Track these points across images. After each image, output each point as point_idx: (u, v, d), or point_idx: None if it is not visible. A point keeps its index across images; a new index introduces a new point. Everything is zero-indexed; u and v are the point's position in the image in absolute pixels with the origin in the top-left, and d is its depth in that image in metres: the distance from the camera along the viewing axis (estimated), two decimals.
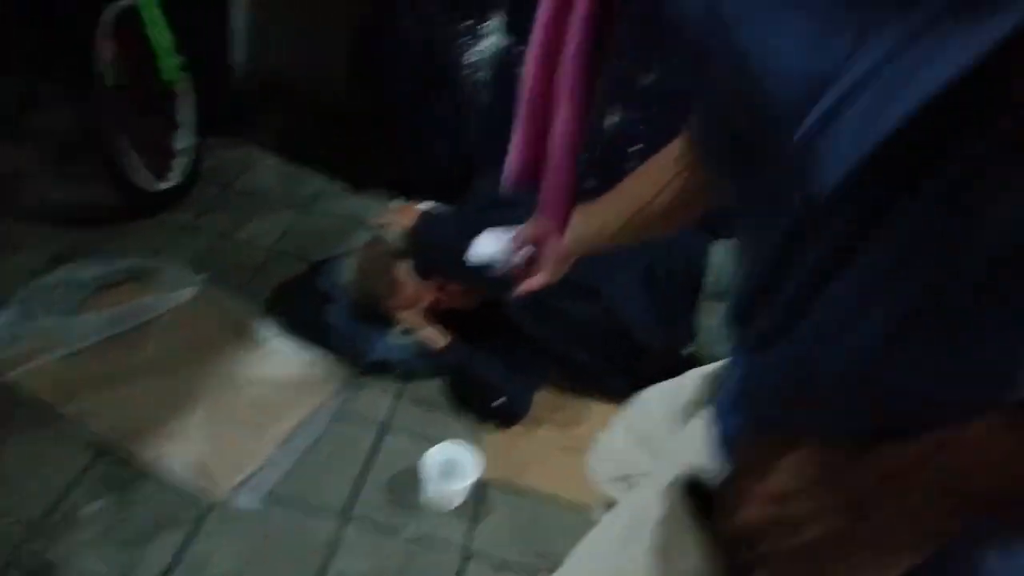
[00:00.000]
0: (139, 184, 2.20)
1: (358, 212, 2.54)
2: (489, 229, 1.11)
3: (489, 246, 1.11)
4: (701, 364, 0.88)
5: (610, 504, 0.95)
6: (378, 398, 1.90)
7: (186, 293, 1.94)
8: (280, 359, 1.89)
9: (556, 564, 1.62)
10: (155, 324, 1.87)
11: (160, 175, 2.28)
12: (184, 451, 1.62)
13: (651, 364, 1.87)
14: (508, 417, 1.85)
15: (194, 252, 2.20)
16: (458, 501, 1.66)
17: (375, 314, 1.96)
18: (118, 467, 1.59)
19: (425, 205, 2.24)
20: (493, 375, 1.84)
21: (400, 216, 1.97)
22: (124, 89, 2.09)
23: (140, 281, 1.99)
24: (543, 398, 1.93)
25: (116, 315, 1.84)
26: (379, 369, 1.93)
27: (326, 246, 2.33)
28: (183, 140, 2.36)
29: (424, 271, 1.88)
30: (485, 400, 1.84)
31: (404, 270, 1.88)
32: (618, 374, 1.92)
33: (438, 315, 1.96)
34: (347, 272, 2.02)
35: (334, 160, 2.64)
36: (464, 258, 1.16)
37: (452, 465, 1.69)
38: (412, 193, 2.61)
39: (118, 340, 1.81)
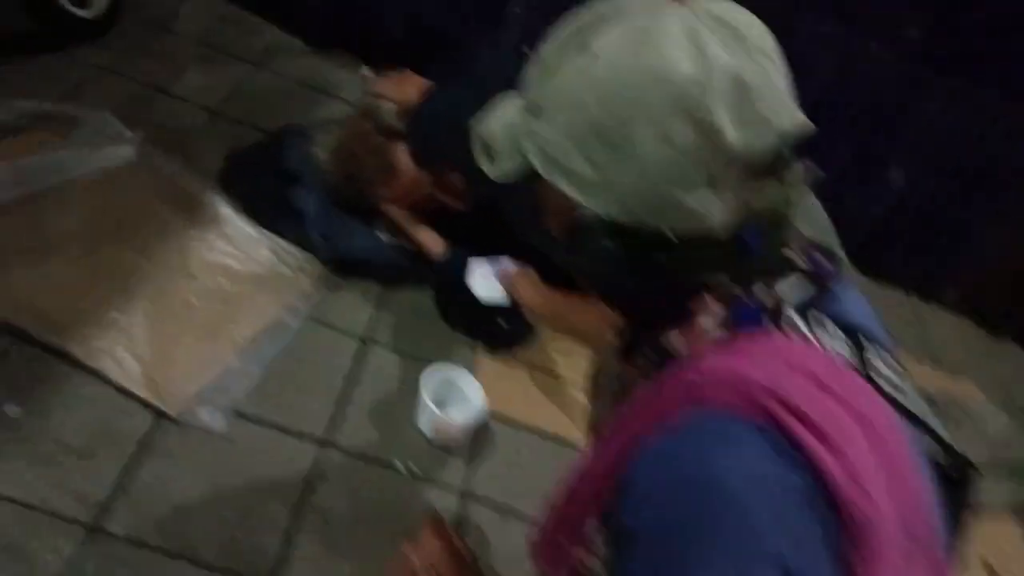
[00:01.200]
0: (55, 3, 1.73)
1: (320, 77, 2.15)
2: (477, 265, 1.36)
3: (490, 288, 1.34)
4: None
5: None
6: (356, 304, 1.61)
7: (120, 152, 1.54)
8: (239, 245, 1.56)
9: None
10: (79, 187, 1.48)
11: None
12: (124, 348, 1.30)
13: None
14: (507, 340, 1.63)
15: (117, 102, 1.76)
16: (459, 438, 1.44)
17: (357, 204, 1.65)
18: (37, 362, 1.25)
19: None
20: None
21: (399, 87, 1.64)
22: None
23: (51, 130, 1.57)
24: None
25: (26, 169, 1.43)
26: (358, 270, 1.64)
27: (283, 113, 1.95)
28: None
29: (426, 157, 1.57)
30: (482, 320, 1.60)
31: (401, 154, 1.57)
32: None
33: (429, 215, 1.67)
34: (323, 149, 1.68)
35: (288, 11, 2.21)
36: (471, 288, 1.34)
37: (451, 393, 1.46)
38: (375, 62, 2.24)
39: (30, 202, 1.42)
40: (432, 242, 1.63)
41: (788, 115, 0.60)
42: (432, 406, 1.38)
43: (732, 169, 0.59)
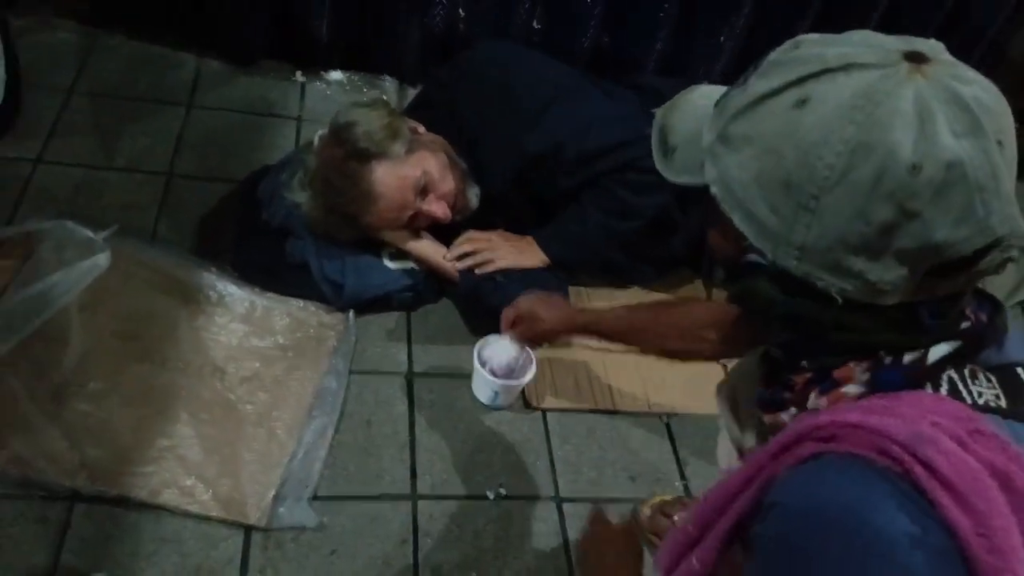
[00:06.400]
0: None
1: (258, 97, 1.99)
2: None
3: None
4: None
5: None
6: (390, 341, 1.55)
7: (95, 262, 1.42)
8: (254, 320, 1.48)
9: (650, 480, 1.44)
10: (71, 314, 1.36)
11: None
12: (186, 475, 1.24)
13: (678, 243, 1.65)
14: None
15: (62, 197, 1.62)
16: (510, 399, 1.49)
17: (349, 235, 1.55)
18: (105, 520, 1.19)
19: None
20: (517, 293, 1.53)
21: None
22: None
23: (11, 255, 1.43)
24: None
25: (10, 314, 1.31)
26: (378, 306, 1.57)
27: (237, 152, 1.82)
28: None
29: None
30: None
31: (379, 175, 1.45)
32: (645, 263, 1.70)
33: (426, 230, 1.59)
34: (293, 192, 1.56)
35: (202, 31, 2.02)
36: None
37: (497, 355, 1.47)
38: (316, 64, 2.09)
39: (24, 347, 1.30)
40: (440, 257, 1.56)
41: (1002, 218, 0.54)
42: (488, 376, 1.42)
43: (927, 255, 0.55)
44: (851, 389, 0.63)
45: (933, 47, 0.57)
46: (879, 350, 0.62)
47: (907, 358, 0.62)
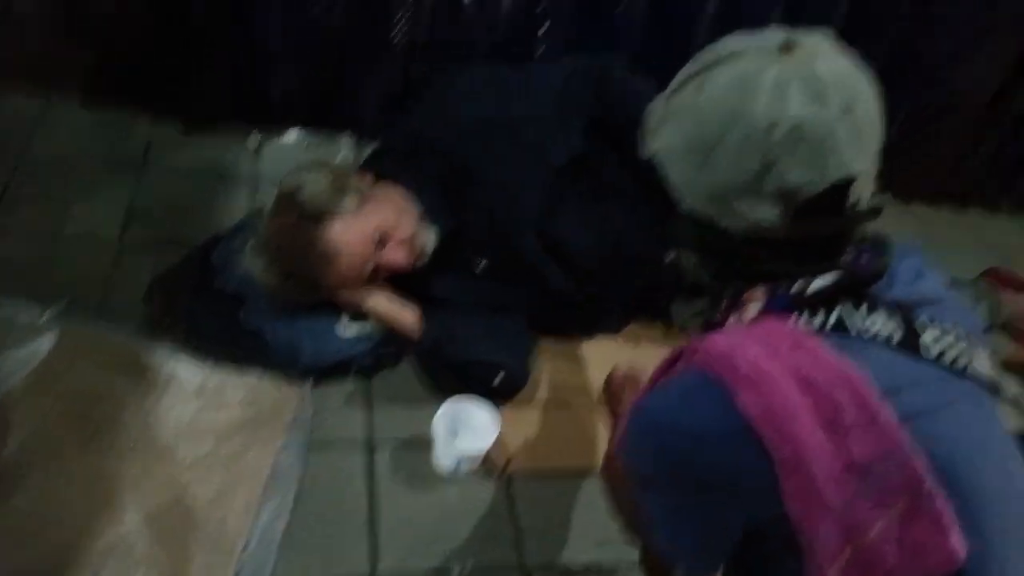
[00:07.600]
0: None
1: (212, 160, 1.96)
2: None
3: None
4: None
5: None
6: (347, 410, 1.51)
7: (41, 344, 1.38)
8: (205, 395, 1.43)
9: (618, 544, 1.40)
10: (14, 399, 1.32)
11: None
12: (134, 569, 1.19)
13: (641, 279, 1.64)
14: (510, 389, 1.56)
15: (14, 269, 1.58)
16: (474, 465, 1.45)
17: (308, 301, 1.52)
18: None
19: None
20: (480, 348, 1.52)
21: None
22: None
23: None
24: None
25: None
26: (335, 373, 1.54)
27: (191, 217, 1.79)
28: None
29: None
30: (476, 380, 1.52)
31: (337, 232, 1.43)
32: (611, 307, 1.68)
33: (386, 281, 1.56)
34: (249, 260, 1.53)
35: (148, 94, 1.99)
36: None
37: (458, 423, 1.45)
38: (273, 124, 2.07)
39: None
40: (411, 322, 1.53)
41: (836, 166, 0.72)
42: (448, 445, 1.40)
43: (788, 195, 0.74)
44: (752, 308, 0.83)
45: (813, 36, 0.76)
46: (778, 278, 0.81)
47: (795, 287, 0.80)
